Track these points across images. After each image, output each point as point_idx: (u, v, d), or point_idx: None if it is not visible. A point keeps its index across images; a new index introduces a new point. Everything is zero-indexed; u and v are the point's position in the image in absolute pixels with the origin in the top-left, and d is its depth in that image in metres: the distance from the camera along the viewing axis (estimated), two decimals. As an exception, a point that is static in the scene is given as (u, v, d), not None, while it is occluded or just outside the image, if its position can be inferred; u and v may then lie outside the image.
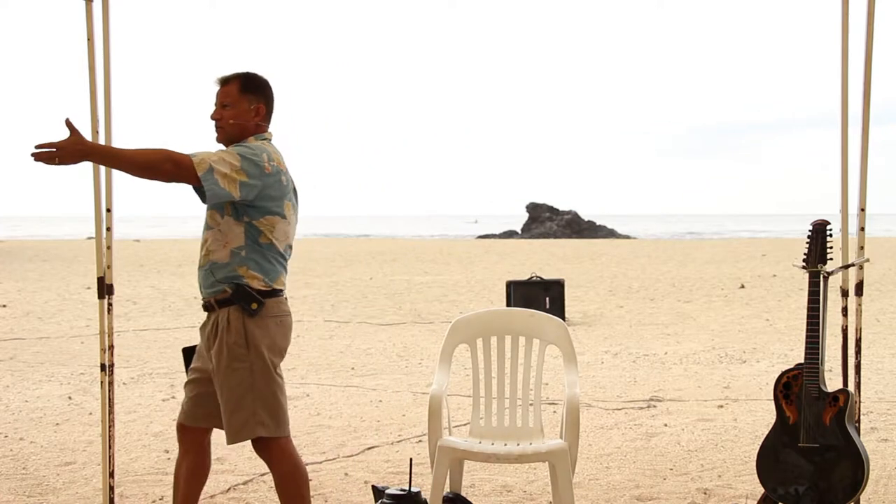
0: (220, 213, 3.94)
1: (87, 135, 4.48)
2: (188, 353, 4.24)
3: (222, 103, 4.01)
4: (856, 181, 4.58)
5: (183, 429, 4.16)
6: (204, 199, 3.94)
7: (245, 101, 4.01)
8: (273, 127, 4.13)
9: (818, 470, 4.44)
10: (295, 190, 4.09)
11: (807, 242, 4.55)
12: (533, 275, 13.76)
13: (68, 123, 3.70)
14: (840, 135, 4.60)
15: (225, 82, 4.03)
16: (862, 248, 4.59)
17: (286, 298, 4.06)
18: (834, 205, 4.82)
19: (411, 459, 4.85)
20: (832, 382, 4.77)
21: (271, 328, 3.96)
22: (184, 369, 4.23)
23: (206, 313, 4.06)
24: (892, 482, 5.41)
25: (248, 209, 3.92)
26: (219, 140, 4.03)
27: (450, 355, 4.79)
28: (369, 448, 6.28)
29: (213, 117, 4.02)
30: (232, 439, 3.99)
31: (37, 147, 3.63)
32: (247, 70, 4.08)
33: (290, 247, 4.06)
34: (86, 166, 4.04)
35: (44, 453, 6.15)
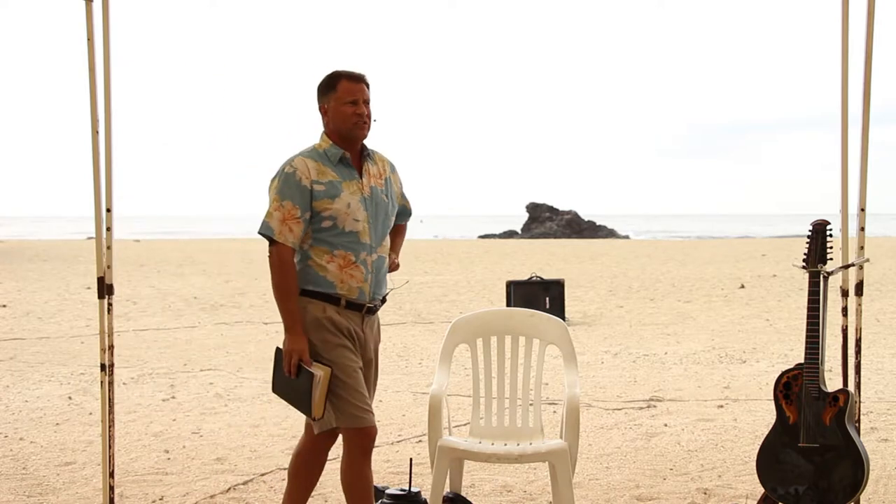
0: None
1: (86, 135, 4.50)
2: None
3: (365, 100, 4.02)
4: (856, 181, 4.59)
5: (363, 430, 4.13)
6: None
7: None
8: (278, 127, 4.15)
9: (818, 470, 4.44)
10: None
11: (807, 242, 4.54)
12: (533, 275, 13.76)
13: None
14: (840, 135, 4.60)
15: (364, 81, 4.03)
16: (862, 248, 4.59)
17: None
18: (834, 205, 4.83)
19: (411, 459, 4.85)
20: (832, 382, 4.77)
21: None
22: (272, 369, 4.14)
23: (367, 314, 4.22)
24: (892, 482, 5.41)
25: None
26: (365, 135, 4.05)
27: (450, 355, 4.79)
28: (369, 448, 6.27)
29: (366, 115, 4.00)
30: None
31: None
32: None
33: None
34: (85, 166, 4.04)
35: (44, 453, 6.15)
